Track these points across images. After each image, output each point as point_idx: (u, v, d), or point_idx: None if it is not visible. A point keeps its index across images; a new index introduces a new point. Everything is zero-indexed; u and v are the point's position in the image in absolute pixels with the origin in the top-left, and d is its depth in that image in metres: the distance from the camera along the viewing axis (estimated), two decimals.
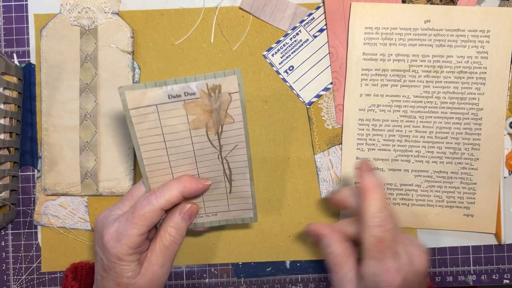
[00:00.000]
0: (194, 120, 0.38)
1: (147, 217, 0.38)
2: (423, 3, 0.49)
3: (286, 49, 0.51)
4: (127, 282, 0.38)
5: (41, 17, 0.51)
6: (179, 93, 0.37)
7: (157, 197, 0.38)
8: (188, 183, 0.39)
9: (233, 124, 0.39)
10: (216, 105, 0.38)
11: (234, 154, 0.41)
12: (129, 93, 0.37)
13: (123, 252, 0.37)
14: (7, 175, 0.49)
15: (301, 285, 0.52)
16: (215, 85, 0.37)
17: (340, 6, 0.51)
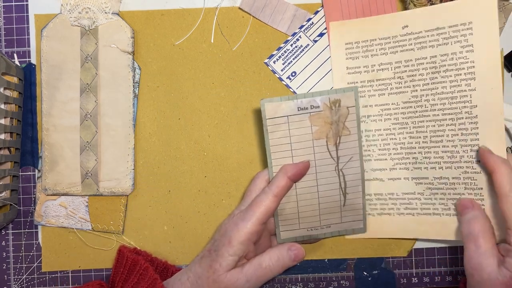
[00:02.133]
0: (316, 131, 0.44)
1: (264, 204, 0.42)
2: (424, 4, 0.49)
3: (287, 56, 0.51)
4: (216, 269, 0.41)
5: (41, 17, 0.51)
6: (307, 106, 0.44)
7: (270, 187, 0.43)
8: (289, 167, 0.44)
9: (349, 136, 0.45)
10: (336, 117, 0.44)
11: (350, 166, 0.46)
12: (268, 105, 0.44)
13: (237, 236, 0.41)
14: (7, 175, 0.49)
15: (301, 285, 0.52)
16: (336, 99, 0.44)
17: (339, 11, 0.51)
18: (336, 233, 0.49)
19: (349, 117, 0.45)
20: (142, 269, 0.44)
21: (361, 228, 0.49)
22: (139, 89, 0.51)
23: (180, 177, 0.51)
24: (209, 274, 0.41)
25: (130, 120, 0.50)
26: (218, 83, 0.51)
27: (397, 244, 0.52)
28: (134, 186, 0.51)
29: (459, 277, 0.52)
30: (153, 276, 0.43)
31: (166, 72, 0.51)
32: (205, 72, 0.51)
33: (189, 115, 0.51)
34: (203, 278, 0.42)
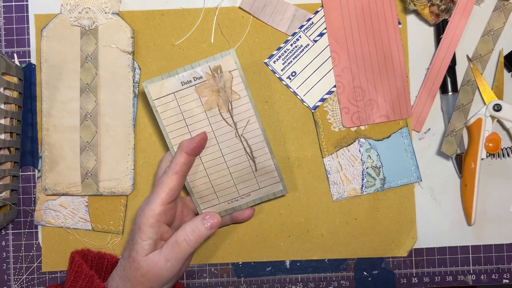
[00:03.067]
0: (206, 101, 0.44)
1: (165, 183, 0.42)
2: (424, 4, 0.49)
3: (287, 56, 0.51)
4: (134, 256, 0.41)
5: (41, 18, 0.51)
6: (189, 78, 0.44)
7: (170, 166, 0.43)
8: (185, 142, 0.44)
9: (240, 99, 0.44)
10: (221, 83, 0.44)
11: (249, 130, 0.45)
12: (151, 86, 0.44)
13: (144, 221, 0.41)
14: (7, 175, 0.49)
15: (301, 285, 0.52)
16: (216, 66, 0.44)
17: (339, 11, 0.51)
18: (258, 200, 0.48)
19: (234, 80, 0.44)
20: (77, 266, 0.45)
21: (281, 190, 0.48)
22: (139, 89, 0.51)
23: None
24: (130, 263, 0.42)
25: (130, 120, 0.50)
26: None
27: (397, 244, 0.52)
28: (134, 186, 0.51)
29: (459, 277, 0.52)
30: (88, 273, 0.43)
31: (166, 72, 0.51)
32: None
33: None
34: (127, 268, 0.42)
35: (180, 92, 0.44)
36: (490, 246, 0.52)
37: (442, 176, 0.52)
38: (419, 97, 0.52)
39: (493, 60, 0.52)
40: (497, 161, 0.52)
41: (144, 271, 0.41)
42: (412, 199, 0.52)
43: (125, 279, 0.42)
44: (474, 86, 0.51)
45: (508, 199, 0.52)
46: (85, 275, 0.43)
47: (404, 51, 0.51)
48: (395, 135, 0.52)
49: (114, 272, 0.44)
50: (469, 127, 0.51)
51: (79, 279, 0.43)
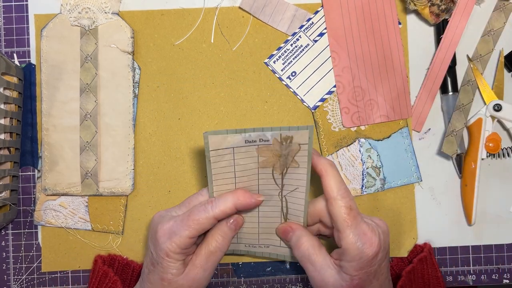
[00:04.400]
0: (263, 161, 0.42)
1: (201, 222, 0.40)
2: (424, 4, 0.49)
3: (287, 55, 0.51)
4: (170, 279, 0.41)
5: (41, 17, 0.51)
6: (255, 139, 0.41)
7: (213, 206, 0.41)
8: (242, 196, 0.42)
9: (297, 168, 0.42)
10: (285, 152, 0.42)
11: (294, 196, 0.44)
12: (212, 137, 0.40)
13: (172, 249, 0.40)
14: (7, 175, 0.49)
15: (301, 285, 0.52)
16: (288, 136, 0.41)
17: (339, 11, 0.51)
18: (274, 255, 0.47)
19: (300, 153, 0.42)
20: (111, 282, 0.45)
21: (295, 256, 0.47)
22: (139, 89, 0.51)
23: (180, 177, 0.51)
24: (165, 286, 0.41)
25: (130, 120, 0.50)
26: (218, 83, 0.51)
27: (397, 244, 0.51)
28: (134, 186, 0.51)
29: (459, 277, 0.52)
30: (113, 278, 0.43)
31: (166, 72, 0.51)
32: (205, 72, 0.51)
33: (189, 115, 0.51)
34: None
35: (240, 148, 0.41)
36: (490, 246, 0.52)
37: (442, 176, 0.52)
38: (419, 97, 0.52)
39: (493, 60, 0.52)
40: (497, 161, 0.52)
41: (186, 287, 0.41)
42: (412, 199, 0.52)
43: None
44: (474, 86, 0.51)
45: (508, 199, 0.52)
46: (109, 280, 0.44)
47: (404, 51, 0.51)
48: (395, 135, 0.51)
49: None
50: (469, 127, 0.51)
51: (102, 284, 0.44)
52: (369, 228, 0.39)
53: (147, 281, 0.42)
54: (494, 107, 0.50)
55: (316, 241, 0.42)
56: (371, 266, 0.39)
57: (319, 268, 0.41)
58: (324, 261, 0.41)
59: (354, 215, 0.39)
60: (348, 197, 0.40)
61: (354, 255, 0.38)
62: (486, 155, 0.50)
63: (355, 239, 0.39)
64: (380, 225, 0.41)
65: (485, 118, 0.50)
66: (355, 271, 0.39)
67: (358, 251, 0.38)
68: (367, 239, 0.39)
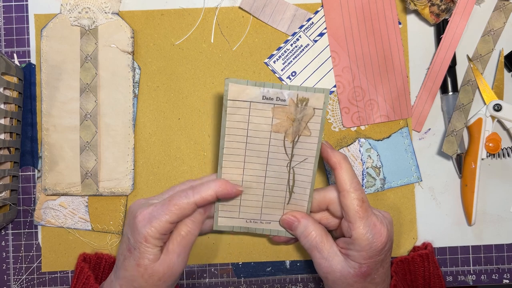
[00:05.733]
0: (276, 124, 0.42)
1: (182, 207, 0.40)
2: (424, 4, 0.49)
3: (287, 55, 0.51)
4: (146, 264, 0.40)
5: (41, 17, 0.51)
6: (273, 96, 0.41)
7: (194, 193, 0.41)
8: (224, 185, 0.42)
9: (309, 137, 0.43)
10: (300, 115, 0.42)
11: (302, 167, 0.44)
12: (232, 85, 0.41)
13: (151, 234, 0.40)
14: (7, 175, 0.49)
15: (301, 285, 0.52)
16: (304, 97, 0.41)
17: (339, 11, 0.51)
18: (275, 232, 0.47)
19: (313, 118, 0.42)
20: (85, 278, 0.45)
21: None
22: (139, 89, 0.51)
23: (180, 177, 0.51)
24: (141, 272, 0.41)
25: (130, 120, 0.50)
26: (218, 83, 0.51)
27: (397, 244, 0.51)
28: (134, 186, 0.51)
29: (459, 277, 0.52)
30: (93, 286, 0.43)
31: (166, 72, 0.51)
32: (205, 72, 0.51)
33: (189, 115, 0.51)
34: (138, 279, 0.41)
35: (257, 104, 0.41)
36: (490, 246, 0.52)
37: (442, 176, 0.52)
38: (419, 97, 0.52)
39: (493, 60, 0.52)
40: (497, 161, 0.52)
41: (160, 274, 0.41)
42: (412, 199, 0.52)
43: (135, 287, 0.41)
44: (474, 86, 0.51)
45: (508, 199, 0.52)
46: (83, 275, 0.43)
47: (404, 51, 0.51)
48: (395, 135, 0.51)
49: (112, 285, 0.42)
50: (469, 127, 0.51)
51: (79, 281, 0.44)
52: (378, 220, 0.41)
53: (122, 268, 0.42)
54: (494, 107, 0.50)
55: (322, 229, 0.44)
56: (379, 255, 0.41)
57: (326, 256, 0.42)
58: (331, 249, 0.42)
59: (365, 208, 0.41)
60: (360, 190, 0.41)
61: (364, 245, 0.40)
62: (486, 155, 0.50)
63: (365, 230, 0.40)
64: (387, 217, 0.43)
65: (485, 118, 0.50)
66: (364, 260, 0.40)
67: (368, 241, 0.40)
68: (377, 231, 0.41)
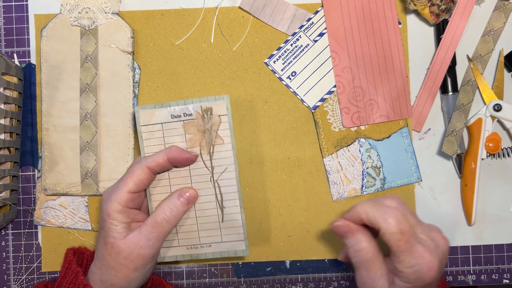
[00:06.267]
0: (190, 139, 0.45)
1: (135, 174, 0.42)
2: (424, 4, 0.49)
3: (287, 55, 0.51)
4: (112, 242, 0.41)
5: (41, 17, 0.51)
6: (180, 113, 0.44)
7: (146, 159, 0.43)
8: (175, 149, 0.43)
9: (223, 145, 0.45)
10: (208, 125, 0.45)
11: (225, 177, 0.45)
12: (142, 111, 0.45)
13: (112, 208, 0.41)
14: (7, 175, 0.49)
15: (301, 285, 0.52)
16: (207, 107, 0.44)
17: (339, 11, 0.51)
18: (218, 254, 0.46)
19: (221, 125, 0.45)
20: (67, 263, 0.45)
21: (243, 250, 0.46)
22: (139, 89, 0.51)
23: None
24: (108, 251, 0.41)
25: (130, 120, 0.50)
26: (218, 83, 0.51)
27: None
28: None
29: (459, 277, 0.52)
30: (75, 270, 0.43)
31: (166, 72, 0.51)
32: (205, 72, 0.51)
33: None
34: (106, 257, 0.41)
35: (168, 124, 0.45)
36: (490, 246, 0.52)
37: (442, 176, 0.52)
38: (419, 97, 0.52)
39: (493, 60, 0.52)
40: (497, 161, 0.52)
41: (126, 253, 0.41)
42: (412, 199, 0.52)
43: (107, 268, 0.42)
44: (474, 86, 0.51)
45: (508, 199, 0.52)
46: (72, 271, 0.43)
47: (404, 51, 0.51)
48: (395, 135, 0.52)
49: (92, 267, 0.44)
50: (469, 127, 0.51)
51: (67, 275, 0.44)
52: (426, 249, 0.37)
53: (96, 249, 0.43)
54: (494, 107, 0.50)
55: (375, 248, 0.40)
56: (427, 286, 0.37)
57: (373, 276, 0.39)
58: (379, 271, 0.39)
59: (406, 239, 0.37)
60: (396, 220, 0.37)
61: (411, 279, 0.37)
62: (486, 155, 0.50)
63: (411, 263, 0.37)
64: (440, 244, 0.38)
65: (485, 118, 0.51)
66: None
67: (415, 275, 0.37)
68: (425, 263, 0.36)
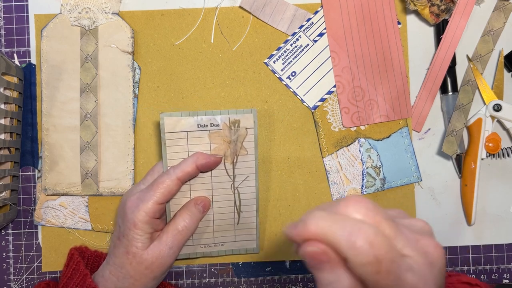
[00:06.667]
0: (215, 148, 0.45)
1: (165, 185, 0.42)
2: (424, 4, 0.49)
3: (287, 55, 0.51)
4: (135, 252, 0.41)
5: (41, 18, 0.51)
6: (207, 123, 0.45)
7: (175, 169, 0.43)
8: (201, 155, 0.44)
9: (246, 156, 0.46)
10: (234, 137, 0.46)
11: (245, 185, 0.47)
12: (167, 118, 0.44)
13: (140, 218, 0.41)
14: (7, 175, 0.49)
15: (301, 285, 0.52)
16: (235, 119, 0.45)
17: (339, 11, 0.51)
18: (229, 251, 0.49)
19: (247, 137, 0.46)
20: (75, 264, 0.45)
21: (254, 248, 0.49)
22: (139, 89, 0.51)
23: None
24: (129, 260, 0.41)
25: (130, 120, 0.50)
26: (218, 83, 0.51)
27: None
28: None
29: None
30: (83, 272, 0.43)
31: (166, 72, 0.51)
32: (205, 72, 0.51)
33: None
34: (125, 266, 0.42)
35: (193, 132, 0.45)
36: (490, 246, 0.52)
37: (442, 176, 0.52)
38: (419, 97, 0.52)
39: (493, 60, 0.52)
40: (497, 161, 0.52)
41: (148, 263, 0.41)
42: (412, 199, 0.52)
43: (125, 276, 0.42)
44: (474, 86, 0.51)
45: (508, 199, 0.52)
46: (79, 273, 0.43)
47: (404, 51, 0.51)
48: (395, 135, 0.52)
49: (105, 272, 0.43)
50: (469, 127, 0.51)
51: (74, 277, 0.43)
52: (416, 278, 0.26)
53: (112, 255, 0.43)
54: (494, 107, 0.50)
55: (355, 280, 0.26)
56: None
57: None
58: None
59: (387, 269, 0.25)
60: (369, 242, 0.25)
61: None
62: (486, 155, 0.50)
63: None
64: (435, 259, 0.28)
65: (485, 118, 0.51)
66: None
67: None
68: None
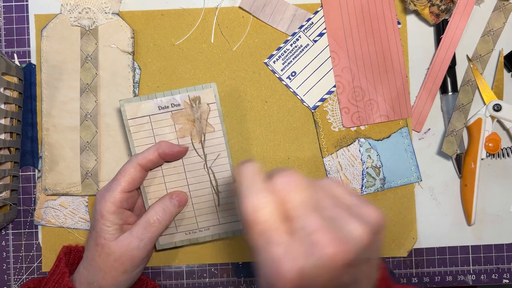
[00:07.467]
0: (180, 129, 0.44)
1: (127, 172, 0.42)
2: (424, 4, 0.49)
3: (287, 56, 0.51)
4: (103, 243, 0.41)
5: (41, 18, 0.51)
6: (167, 104, 0.44)
7: (137, 156, 0.43)
8: (164, 144, 0.43)
9: (214, 132, 0.45)
10: (197, 114, 0.44)
11: (218, 164, 0.46)
12: (127, 105, 0.44)
13: (106, 208, 0.41)
14: (7, 175, 0.49)
15: None
16: (195, 96, 0.44)
17: (338, 11, 0.51)
18: (216, 235, 0.48)
19: (211, 113, 0.45)
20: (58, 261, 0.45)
21: (240, 229, 0.47)
22: (139, 89, 0.51)
23: None
24: (98, 252, 0.41)
25: None
26: (218, 83, 0.51)
27: (397, 244, 0.52)
28: None
29: (459, 277, 0.52)
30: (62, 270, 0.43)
31: (166, 72, 0.51)
32: (205, 72, 0.51)
33: None
34: (95, 258, 0.41)
35: (155, 116, 0.44)
36: (490, 246, 0.52)
37: (442, 176, 0.52)
38: (419, 97, 0.52)
39: (493, 60, 0.52)
40: (497, 161, 0.52)
41: (117, 255, 0.41)
42: (412, 199, 0.52)
43: (95, 269, 0.41)
44: (474, 86, 0.52)
45: (508, 199, 0.52)
46: (59, 271, 0.43)
47: (404, 51, 0.51)
48: (395, 135, 0.52)
49: (79, 267, 0.43)
50: (469, 127, 0.51)
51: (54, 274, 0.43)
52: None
53: (86, 250, 0.43)
54: (493, 107, 0.50)
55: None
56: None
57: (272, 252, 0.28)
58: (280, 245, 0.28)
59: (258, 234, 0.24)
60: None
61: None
62: (486, 155, 0.50)
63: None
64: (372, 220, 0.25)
65: (485, 118, 0.51)
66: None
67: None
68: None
